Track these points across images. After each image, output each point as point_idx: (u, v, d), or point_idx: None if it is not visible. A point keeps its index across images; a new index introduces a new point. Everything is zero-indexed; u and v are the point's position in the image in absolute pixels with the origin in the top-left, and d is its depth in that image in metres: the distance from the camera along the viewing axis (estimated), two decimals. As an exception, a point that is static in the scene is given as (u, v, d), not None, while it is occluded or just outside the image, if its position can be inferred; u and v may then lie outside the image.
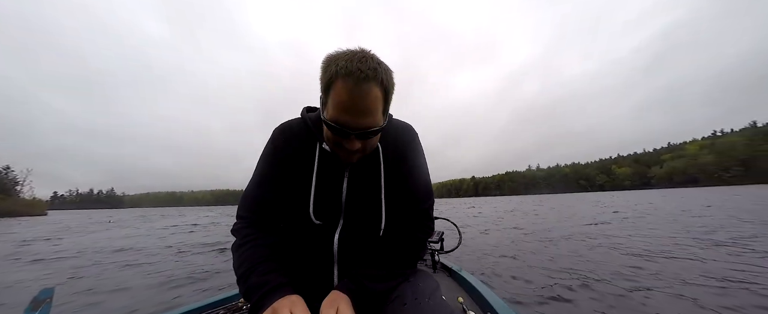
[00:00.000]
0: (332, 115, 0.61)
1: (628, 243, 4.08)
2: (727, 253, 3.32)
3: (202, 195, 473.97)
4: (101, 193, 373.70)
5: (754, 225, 5.36)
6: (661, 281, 2.45)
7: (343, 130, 0.61)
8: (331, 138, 0.65)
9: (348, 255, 0.70)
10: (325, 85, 0.60)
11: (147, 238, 7.52)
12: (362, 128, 0.61)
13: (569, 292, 2.27)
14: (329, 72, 0.59)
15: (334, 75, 0.58)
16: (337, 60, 0.59)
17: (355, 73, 0.56)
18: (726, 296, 2.09)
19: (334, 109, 0.60)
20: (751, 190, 27.67)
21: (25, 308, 0.88)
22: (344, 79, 0.57)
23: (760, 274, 2.49)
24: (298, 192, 0.71)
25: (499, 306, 0.90)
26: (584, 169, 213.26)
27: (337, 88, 0.58)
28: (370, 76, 0.57)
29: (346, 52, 0.60)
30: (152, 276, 3.46)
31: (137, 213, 34.84)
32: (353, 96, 0.57)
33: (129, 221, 17.00)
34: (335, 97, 0.59)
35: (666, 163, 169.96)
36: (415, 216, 0.75)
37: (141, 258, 4.64)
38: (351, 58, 0.58)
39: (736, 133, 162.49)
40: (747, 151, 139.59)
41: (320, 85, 0.63)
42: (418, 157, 0.78)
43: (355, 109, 0.58)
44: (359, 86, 0.57)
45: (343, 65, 0.57)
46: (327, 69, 0.59)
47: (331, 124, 0.61)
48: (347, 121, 0.60)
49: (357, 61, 0.57)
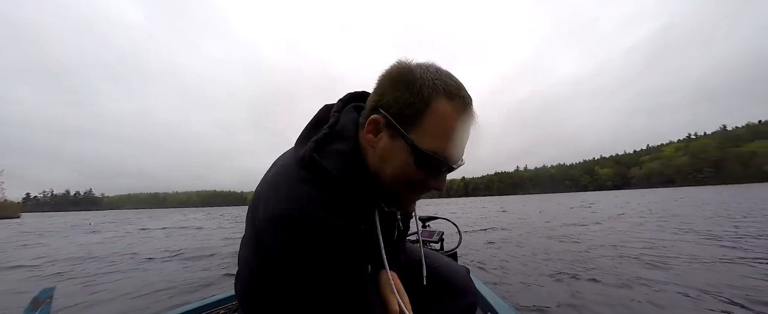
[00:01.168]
0: (433, 144, 0.45)
1: (621, 243, 4.32)
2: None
3: (187, 197, 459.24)
4: (78, 194, 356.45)
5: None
6: (656, 277, 2.57)
7: (448, 165, 0.47)
8: (415, 178, 0.48)
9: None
10: (418, 107, 0.44)
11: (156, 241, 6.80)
12: (461, 161, 0.49)
13: (569, 292, 2.27)
14: (424, 89, 0.44)
15: (434, 93, 0.44)
16: (430, 74, 0.45)
17: (462, 93, 0.46)
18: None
19: (439, 137, 0.45)
20: (718, 190, 29.08)
21: (25, 308, 0.88)
22: (454, 100, 0.45)
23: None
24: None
25: (500, 305, 0.91)
26: (569, 170, 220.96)
27: (441, 110, 0.44)
28: (471, 99, 0.47)
29: (433, 66, 0.47)
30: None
31: (123, 216, 32.72)
32: (464, 121, 0.46)
33: (119, 225, 15.00)
34: (441, 122, 0.44)
35: (644, 165, 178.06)
36: None
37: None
38: (447, 74, 0.46)
39: (708, 136, 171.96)
40: (717, 153, 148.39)
41: (396, 105, 0.46)
42: None
43: (464, 137, 0.47)
44: (467, 109, 0.46)
45: (446, 82, 0.45)
46: (420, 83, 0.44)
47: (433, 156, 0.45)
48: (454, 152, 0.47)
49: (455, 79, 0.46)
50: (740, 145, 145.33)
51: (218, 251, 5.17)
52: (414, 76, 0.45)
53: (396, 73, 0.46)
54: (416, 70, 0.46)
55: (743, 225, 5.44)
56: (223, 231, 8.96)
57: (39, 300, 0.91)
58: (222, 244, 6.03)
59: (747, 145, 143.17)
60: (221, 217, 19.25)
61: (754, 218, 6.27)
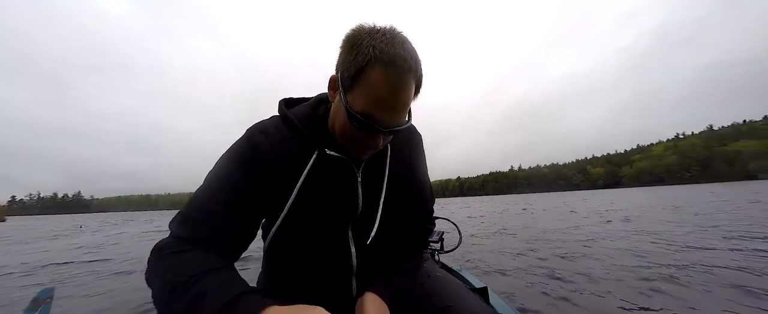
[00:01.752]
0: (363, 107, 0.49)
1: (613, 244, 4.27)
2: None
3: (179, 198, 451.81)
4: (66, 197, 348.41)
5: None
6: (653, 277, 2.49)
7: (374, 127, 0.50)
8: (351, 134, 0.53)
9: (366, 264, 0.65)
10: (355, 69, 0.47)
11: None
12: (394, 126, 0.52)
13: (568, 292, 2.27)
14: (362, 54, 0.46)
15: (370, 60, 0.46)
16: (372, 40, 0.47)
17: (399, 63, 0.46)
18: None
19: (366, 101, 0.48)
20: (706, 188, 29.89)
21: (25, 308, 0.88)
22: (386, 67, 0.46)
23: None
24: (296, 214, 0.58)
25: (500, 305, 0.91)
26: (562, 169, 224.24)
27: (373, 76, 0.47)
28: (412, 68, 0.48)
29: (381, 32, 0.48)
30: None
31: (117, 219, 31.11)
32: (394, 90, 0.47)
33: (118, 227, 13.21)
34: (371, 89, 0.47)
35: (635, 164, 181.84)
36: (422, 215, 0.77)
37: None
38: (390, 41, 0.47)
39: (695, 135, 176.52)
40: (704, 152, 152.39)
41: (343, 66, 0.50)
42: (424, 159, 0.76)
43: (394, 104, 0.49)
44: (401, 79, 0.47)
45: (383, 50, 0.46)
46: (358, 49, 0.47)
47: (361, 118, 0.49)
48: (382, 117, 0.49)
49: (399, 47, 0.47)
50: (726, 145, 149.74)
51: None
52: (360, 41, 0.47)
53: (349, 35, 0.49)
54: (364, 36, 0.47)
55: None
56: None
57: (39, 300, 0.91)
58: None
59: (732, 144, 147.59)
60: None
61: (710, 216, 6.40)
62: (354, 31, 0.49)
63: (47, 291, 0.95)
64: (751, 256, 2.99)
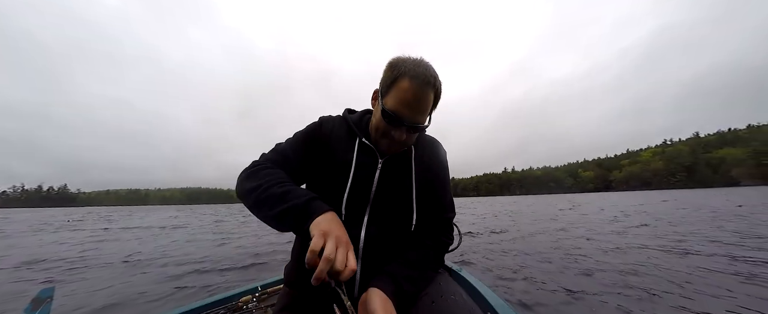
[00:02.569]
0: (392, 105, 0.70)
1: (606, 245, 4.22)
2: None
3: (170, 193, 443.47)
4: (52, 190, 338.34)
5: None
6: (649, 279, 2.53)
7: (399, 121, 0.70)
8: (382, 127, 0.73)
9: (372, 250, 0.73)
10: (391, 80, 0.70)
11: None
12: (415, 123, 0.71)
13: (567, 292, 2.27)
14: (397, 70, 0.69)
15: (402, 73, 0.68)
16: (406, 62, 0.70)
17: (421, 77, 0.67)
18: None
19: (395, 101, 0.69)
20: (689, 193, 30.91)
21: (25, 307, 0.88)
22: (411, 78, 0.67)
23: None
24: (332, 181, 0.76)
25: (500, 306, 0.92)
26: (554, 172, 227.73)
27: (402, 84, 0.68)
28: (431, 82, 0.69)
29: (413, 59, 0.71)
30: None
31: (104, 213, 28.70)
32: (416, 94, 0.68)
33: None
34: (399, 92, 0.69)
35: (624, 168, 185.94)
36: (442, 224, 0.84)
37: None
38: (418, 63, 0.69)
39: (682, 142, 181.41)
40: (690, 158, 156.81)
41: (383, 80, 0.73)
42: (447, 171, 0.89)
43: (414, 105, 0.69)
44: (422, 87, 0.68)
45: (411, 67, 0.68)
46: (395, 67, 0.70)
47: (390, 112, 0.70)
48: (405, 113, 0.69)
49: (423, 67, 0.69)
50: (710, 152, 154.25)
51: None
52: (397, 63, 0.71)
53: (391, 60, 0.73)
54: (399, 59, 0.71)
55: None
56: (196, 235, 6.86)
57: (39, 300, 0.91)
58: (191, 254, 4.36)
59: (716, 151, 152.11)
60: (203, 215, 17.99)
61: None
62: (395, 58, 0.72)
63: (47, 290, 0.95)
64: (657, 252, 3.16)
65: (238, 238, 6.09)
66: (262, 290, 1.34)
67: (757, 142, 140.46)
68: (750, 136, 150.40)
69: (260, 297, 1.28)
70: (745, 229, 4.99)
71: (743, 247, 3.59)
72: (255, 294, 1.30)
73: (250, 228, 7.95)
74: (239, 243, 5.44)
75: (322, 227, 0.57)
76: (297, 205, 0.61)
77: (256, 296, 1.28)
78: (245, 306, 1.20)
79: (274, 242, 5.31)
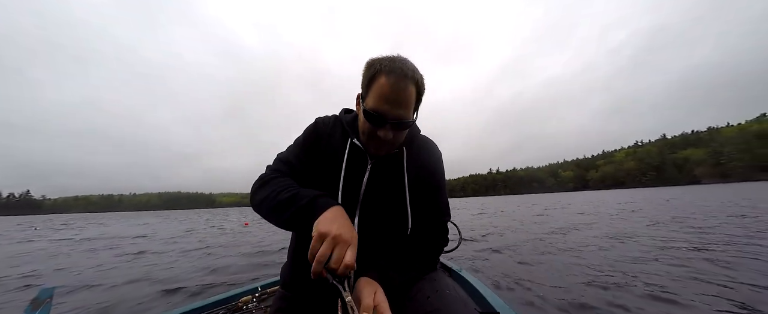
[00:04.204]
0: (372, 105, 0.68)
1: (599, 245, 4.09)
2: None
3: (147, 199, 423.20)
4: (12, 197, 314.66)
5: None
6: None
7: (381, 118, 0.68)
8: (367, 128, 0.72)
9: (362, 253, 0.70)
10: (368, 80, 0.69)
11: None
12: (398, 118, 0.69)
13: (567, 292, 2.25)
14: (373, 69, 0.68)
15: (377, 71, 0.67)
16: (381, 60, 0.69)
17: (397, 71, 0.66)
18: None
19: (374, 99, 0.68)
20: (653, 191, 33.62)
21: (25, 308, 0.88)
22: (387, 74, 0.66)
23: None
24: (324, 183, 0.76)
25: (500, 306, 0.90)
26: (536, 173, 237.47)
27: (379, 81, 0.67)
28: (409, 75, 0.67)
29: (389, 56, 0.71)
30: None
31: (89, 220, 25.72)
32: (394, 89, 0.66)
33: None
34: (377, 90, 0.67)
35: (600, 168, 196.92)
36: (437, 226, 0.83)
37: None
38: (393, 59, 0.69)
39: (651, 143, 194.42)
40: (658, 159, 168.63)
41: (362, 82, 0.72)
42: (442, 173, 0.88)
43: (394, 100, 0.67)
44: (399, 81, 0.66)
45: (386, 64, 0.67)
46: (371, 67, 0.69)
47: (371, 112, 0.68)
48: (386, 110, 0.68)
49: (399, 62, 0.68)
50: (676, 152, 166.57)
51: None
52: (372, 63, 0.70)
53: (368, 61, 0.72)
54: (374, 59, 0.71)
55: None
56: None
57: (39, 300, 0.90)
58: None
59: (681, 152, 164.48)
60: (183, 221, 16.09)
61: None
62: (371, 59, 0.72)
63: (47, 290, 0.94)
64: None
65: (198, 257, 4.38)
66: (262, 290, 1.35)
67: (715, 143, 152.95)
68: (709, 137, 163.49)
69: (260, 298, 1.28)
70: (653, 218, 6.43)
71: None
72: (255, 294, 1.30)
73: (226, 238, 6.70)
74: (198, 262, 4.05)
75: (320, 228, 0.58)
76: (301, 207, 0.63)
77: (256, 296, 1.28)
78: (245, 307, 1.20)
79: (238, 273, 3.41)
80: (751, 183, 79.34)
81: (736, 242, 3.56)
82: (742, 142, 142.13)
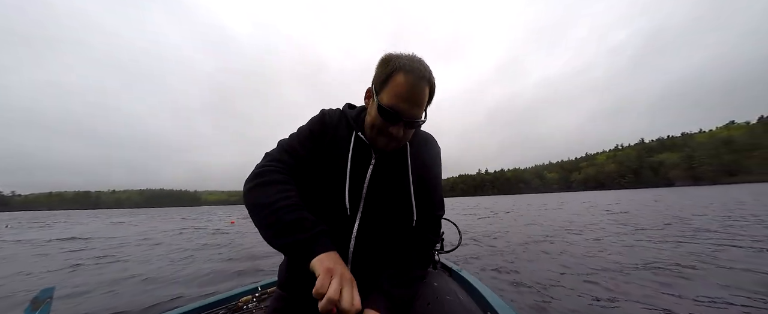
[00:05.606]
0: (388, 101, 0.69)
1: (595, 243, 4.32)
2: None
3: (126, 196, 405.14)
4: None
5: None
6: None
7: (396, 116, 0.69)
8: (379, 123, 0.72)
9: (364, 246, 0.74)
10: (386, 76, 0.69)
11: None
12: (412, 117, 0.70)
13: (566, 292, 2.27)
14: (392, 66, 0.68)
15: (396, 68, 0.68)
16: (400, 58, 0.69)
17: (415, 71, 0.67)
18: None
19: (391, 96, 0.68)
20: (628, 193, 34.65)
21: (25, 308, 0.88)
22: (406, 73, 0.67)
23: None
24: (330, 175, 0.76)
25: (499, 306, 0.90)
26: (523, 174, 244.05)
27: (397, 79, 0.68)
28: (426, 76, 0.69)
29: (406, 54, 0.71)
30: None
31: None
32: (411, 88, 0.67)
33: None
34: (394, 87, 0.68)
35: (583, 170, 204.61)
36: (430, 221, 0.84)
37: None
38: (412, 59, 0.69)
39: (631, 147, 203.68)
40: (636, 162, 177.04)
41: (376, 77, 0.72)
42: (440, 168, 0.89)
43: (411, 99, 0.68)
44: (418, 81, 0.68)
45: (405, 62, 0.68)
46: (388, 63, 0.69)
47: (387, 108, 0.69)
48: (403, 108, 0.68)
49: (417, 62, 0.69)
50: (653, 156, 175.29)
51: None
52: (390, 58, 0.70)
53: (383, 56, 0.72)
54: (392, 55, 0.70)
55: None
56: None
57: (39, 300, 0.90)
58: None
59: (657, 155, 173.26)
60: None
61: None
62: (387, 54, 0.71)
63: (47, 290, 0.94)
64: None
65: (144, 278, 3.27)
66: (262, 290, 1.35)
67: (688, 147, 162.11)
68: (683, 142, 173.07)
69: (260, 298, 1.28)
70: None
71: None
72: (255, 294, 1.31)
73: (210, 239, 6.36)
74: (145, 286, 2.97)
75: (326, 265, 0.57)
76: (300, 241, 0.62)
77: (256, 296, 1.28)
78: (245, 307, 1.20)
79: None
80: (720, 186, 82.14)
81: (724, 243, 3.77)
82: (712, 148, 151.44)
